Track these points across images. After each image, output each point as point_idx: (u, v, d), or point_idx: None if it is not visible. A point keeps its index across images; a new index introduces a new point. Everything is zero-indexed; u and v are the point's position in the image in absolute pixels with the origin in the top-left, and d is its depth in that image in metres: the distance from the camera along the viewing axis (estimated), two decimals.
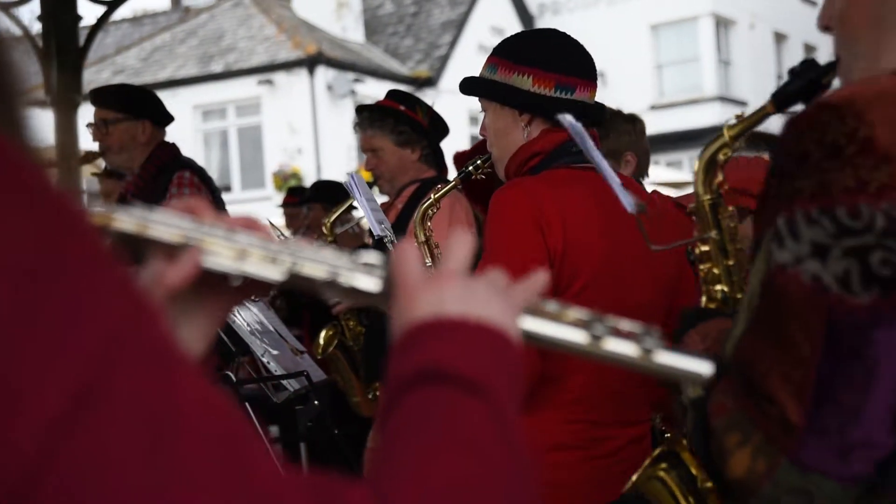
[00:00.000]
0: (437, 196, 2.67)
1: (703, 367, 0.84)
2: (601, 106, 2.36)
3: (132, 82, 18.27)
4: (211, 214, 0.85)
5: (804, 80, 1.43)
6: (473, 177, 2.55)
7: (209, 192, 3.84)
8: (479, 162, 2.52)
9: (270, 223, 6.15)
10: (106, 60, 20.41)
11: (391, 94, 3.84)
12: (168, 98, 5.26)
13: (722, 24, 22.76)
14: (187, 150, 4.77)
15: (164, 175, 3.79)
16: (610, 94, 20.37)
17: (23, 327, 0.56)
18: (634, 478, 1.56)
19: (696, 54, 22.43)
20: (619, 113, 3.61)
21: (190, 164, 3.89)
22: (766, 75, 23.98)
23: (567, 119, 1.54)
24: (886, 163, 1.12)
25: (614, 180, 1.55)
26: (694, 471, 1.53)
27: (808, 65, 1.45)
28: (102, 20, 6.26)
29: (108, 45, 22.40)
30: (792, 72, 1.46)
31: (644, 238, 1.59)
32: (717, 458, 1.24)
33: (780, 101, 1.46)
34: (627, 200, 1.50)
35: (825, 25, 1.40)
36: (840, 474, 1.14)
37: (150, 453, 0.57)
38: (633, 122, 3.62)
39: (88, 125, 4.00)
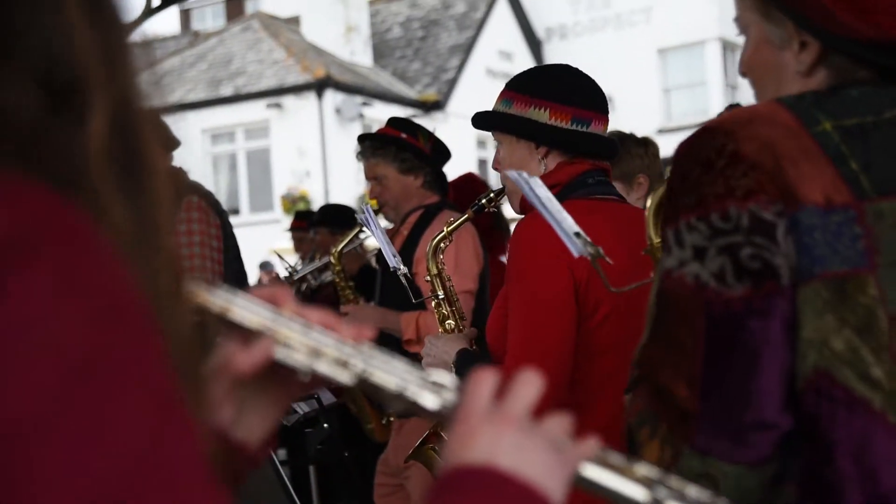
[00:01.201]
0: (449, 229, 2.69)
1: None
2: (614, 141, 2.41)
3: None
4: (292, 306, 0.86)
5: None
6: (486, 209, 2.57)
7: (217, 216, 3.85)
8: (492, 195, 2.55)
9: (279, 255, 6.18)
10: None
11: (392, 122, 3.88)
12: (177, 122, 5.30)
13: (729, 48, 22.83)
14: (196, 174, 4.78)
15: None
16: (618, 118, 20.35)
17: (41, 441, 0.55)
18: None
19: (704, 78, 22.49)
20: (630, 136, 3.64)
21: (197, 189, 3.90)
22: None
23: (511, 174, 1.61)
24: (753, 170, 1.24)
25: (561, 228, 1.61)
26: None
27: (732, 108, 1.60)
28: None
29: None
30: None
31: (604, 282, 1.65)
32: (635, 452, 1.34)
33: None
34: (574, 246, 1.57)
35: (742, 72, 1.54)
36: (737, 457, 1.22)
37: None
38: (646, 145, 3.63)
39: None
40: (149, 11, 6.31)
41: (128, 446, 0.57)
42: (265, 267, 9.14)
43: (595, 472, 0.83)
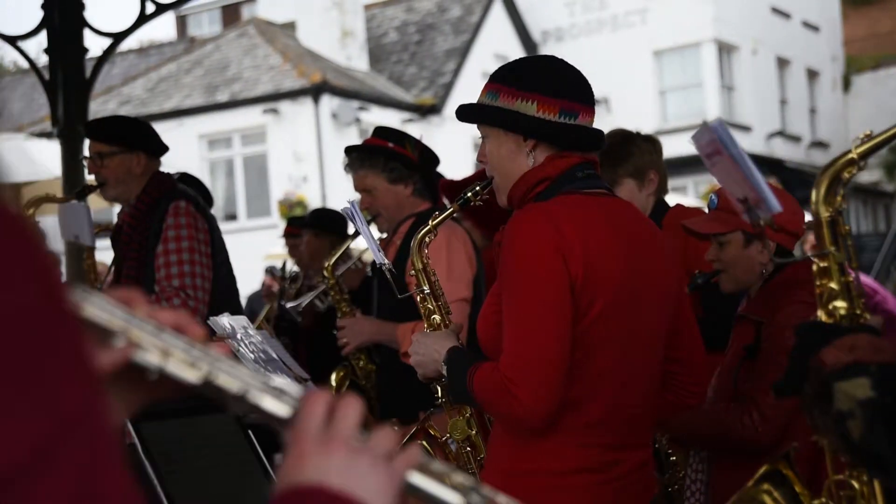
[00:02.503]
0: (434, 223, 2.66)
1: None
2: (601, 132, 2.37)
3: (139, 112, 18.35)
4: (145, 308, 0.90)
5: None
6: (472, 203, 2.54)
7: (205, 220, 3.84)
8: (477, 188, 2.50)
9: (272, 273, 6.08)
10: (112, 91, 20.54)
11: (378, 132, 3.84)
12: (174, 128, 5.28)
13: (724, 49, 22.85)
14: None
15: (161, 206, 3.78)
16: (614, 120, 20.43)
17: None
18: (734, 499, 1.56)
19: (699, 80, 22.50)
20: (638, 134, 3.67)
21: (185, 194, 3.88)
22: (769, 100, 24.04)
23: (712, 122, 1.54)
24: None
25: (759, 184, 1.54)
26: (798, 488, 1.52)
27: None
28: (108, 52, 6.31)
29: (115, 75, 22.55)
30: None
31: (769, 254, 1.57)
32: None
33: None
34: (773, 202, 1.50)
35: None
36: None
37: None
38: (653, 142, 3.68)
39: (84, 158, 4.01)
40: (143, 18, 6.30)
41: (65, 405, 0.63)
42: (271, 272, 9.11)
43: (418, 479, 0.89)
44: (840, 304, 1.57)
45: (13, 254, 0.63)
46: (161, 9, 6.31)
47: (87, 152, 3.98)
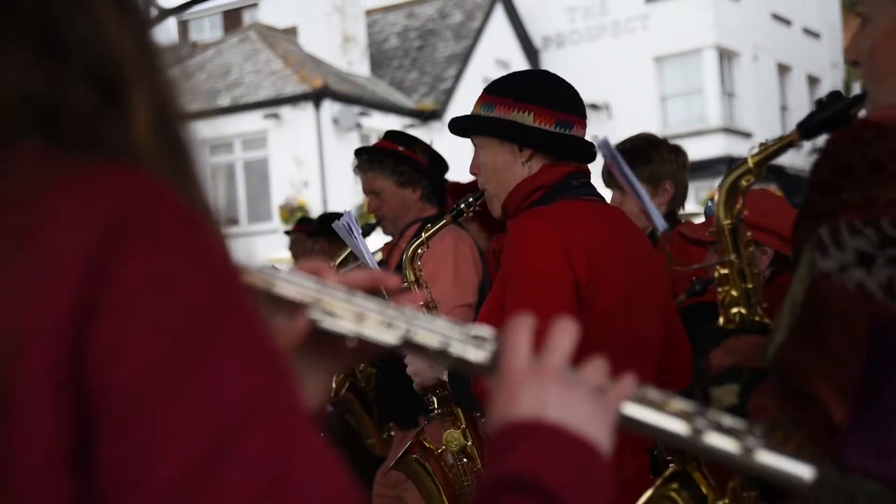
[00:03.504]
0: (427, 235, 2.68)
1: (803, 471, 0.84)
2: (593, 144, 2.40)
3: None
4: (333, 276, 0.90)
5: (830, 111, 1.47)
6: (465, 214, 2.56)
7: None
8: (470, 199, 2.53)
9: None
10: None
11: (389, 135, 3.86)
12: None
13: (725, 56, 22.88)
14: None
15: None
16: (614, 126, 20.47)
17: (171, 385, 0.63)
18: (644, 498, 1.57)
19: (700, 86, 22.53)
20: (663, 142, 3.59)
21: None
22: (770, 106, 24.07)
23: (600, 139, 1.57)
24: None
25: (646, 199, 1.57)
26: (704, 489, 1.53)
27: (835, 96, 1.49)
28: None
29: None
30: (819, 102, 1.50)
31: (667, 259, 1.61)
32: None
33: (805, 130, 1.51)
34: (659, 221, 1.52)
35: (853, 60, 1.43)
36: (881, 475, 1.16)
37: (269, 498, 0.63)
38: (677, 152, 3.57)
39: None
40: None
41: (239, 391, 0.65)
42: None
43: (636, 411, 0.85)
44: (739, 309, 1.59)
45: (186, 245, 0.66)
46: (163, 14, 6.33)
47: None
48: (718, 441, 0.83)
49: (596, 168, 3.53)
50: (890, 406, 1.16)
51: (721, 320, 1.61)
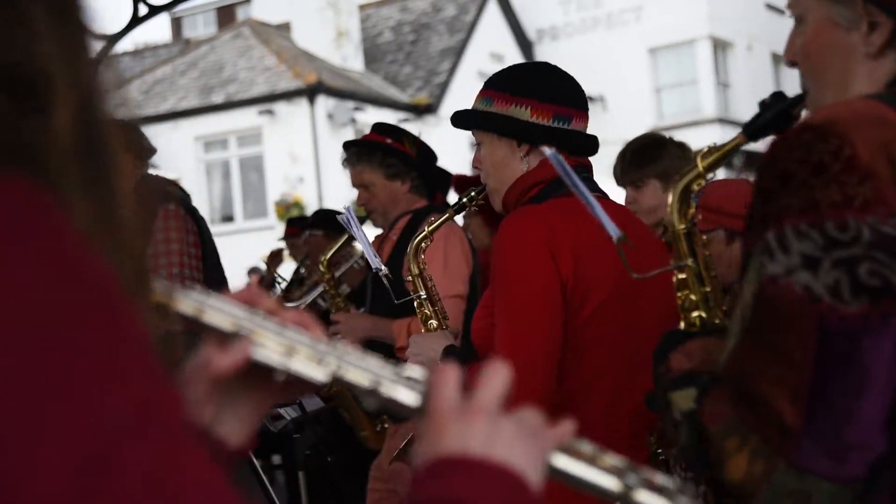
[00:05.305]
0: (430, 229, 2.68)
1: None
2: (595, 137, 2.39)
3: (134, 115, 18.40)
4: (267, 307, 0.87)
5: (774, 112, 1.49)
6: (468, 209, 2.56)
7: (194, 222, 3.83)
8: (472, 193, 2.53)
9: (267, 266, 6.05)
10: None
11: (377, 127, 3.85)
12: (170, 130, 5.28)
13: (720, 46, 22.87)
14: (189, 181, 4.77)
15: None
16: (610, 118, 20.46)
17: (34, 397, 0.58)
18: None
19: (695, 77, 22.52)
20: (671, 139, 3.71)
21: (172, 197, 3.87)
22: (765, 96, 24.03)
23: (549, 151, 1.57)
24: (869, 179, 1.18)
25: (598, 209, 1.57)
26: None
27: (778, 96, 1.50)
28: (102, 54, 6.30)
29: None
30: (762, 104, 1.51)
31: (625, 265, 1.61)
32: (716, 463, 1.27)
33: (751, 131, 1.52)
34: (612, 229, 1.52)
35: (791, 60, 1.47)
36: (835, 475, 1.17)
37: None
38: (683, 148, 3.71)
39: None
40: (136, 20, 6.30)
41: (123, 404, 0.61)
42: (255, 272, 9.10)
43: (567, 463, 0.82)
44: (698, 313, 1.60)
45: (52, 260, 0.62)
46: (154, 10, 6.31)
47: None
48: (649, 499, 0.81)
49: (607, 167, 3.56)
50: (840, 407, 1.17)
51: (682, 325, 1.62)
